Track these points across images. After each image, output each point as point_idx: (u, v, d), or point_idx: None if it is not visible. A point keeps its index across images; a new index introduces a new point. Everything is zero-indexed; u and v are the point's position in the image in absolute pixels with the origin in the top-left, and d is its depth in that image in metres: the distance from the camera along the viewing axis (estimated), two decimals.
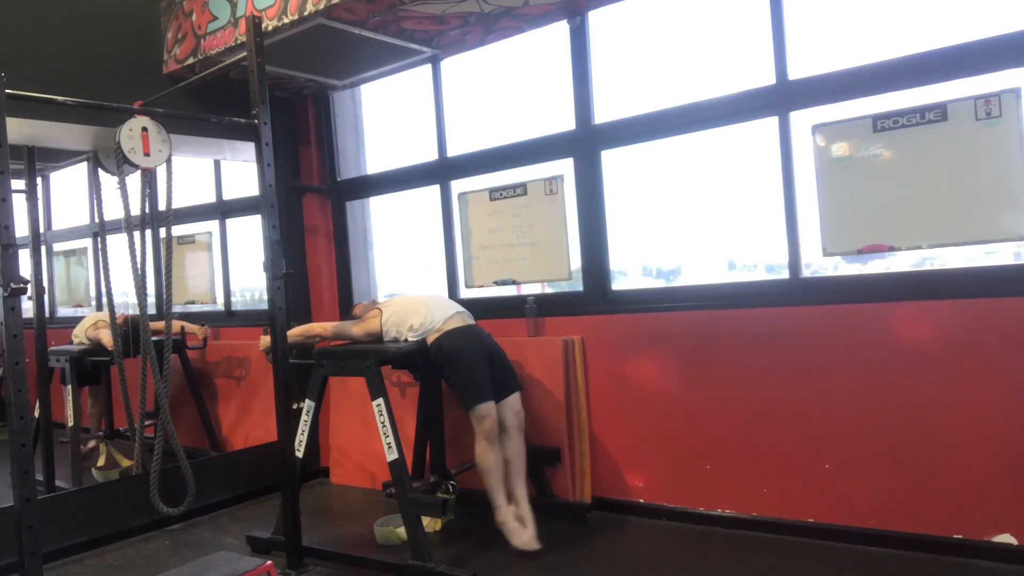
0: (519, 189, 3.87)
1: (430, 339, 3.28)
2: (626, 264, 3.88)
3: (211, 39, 3.79)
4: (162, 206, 3.33)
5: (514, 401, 3.28)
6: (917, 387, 2.82)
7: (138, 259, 3.39)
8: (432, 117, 4.25)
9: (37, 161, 4.25)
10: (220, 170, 5.05)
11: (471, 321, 3.44)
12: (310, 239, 4.74)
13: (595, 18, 3.66)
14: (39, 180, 5.55)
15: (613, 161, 3.64)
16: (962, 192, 2.73)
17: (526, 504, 3.19)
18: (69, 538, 3.43)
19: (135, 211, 3.36)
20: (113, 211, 3.64)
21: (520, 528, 3.12)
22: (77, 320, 4.81)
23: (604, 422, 3.58)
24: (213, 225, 5.07)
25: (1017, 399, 2.63)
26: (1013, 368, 2.64)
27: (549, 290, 3.96)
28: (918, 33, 2.87)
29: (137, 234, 3.43)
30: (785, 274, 3.17)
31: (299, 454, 3.28)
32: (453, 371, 3.20)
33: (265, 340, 3.40)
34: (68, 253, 6.33)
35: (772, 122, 3.15)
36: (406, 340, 3.31)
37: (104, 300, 3.93)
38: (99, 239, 4.41)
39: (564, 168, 3.74)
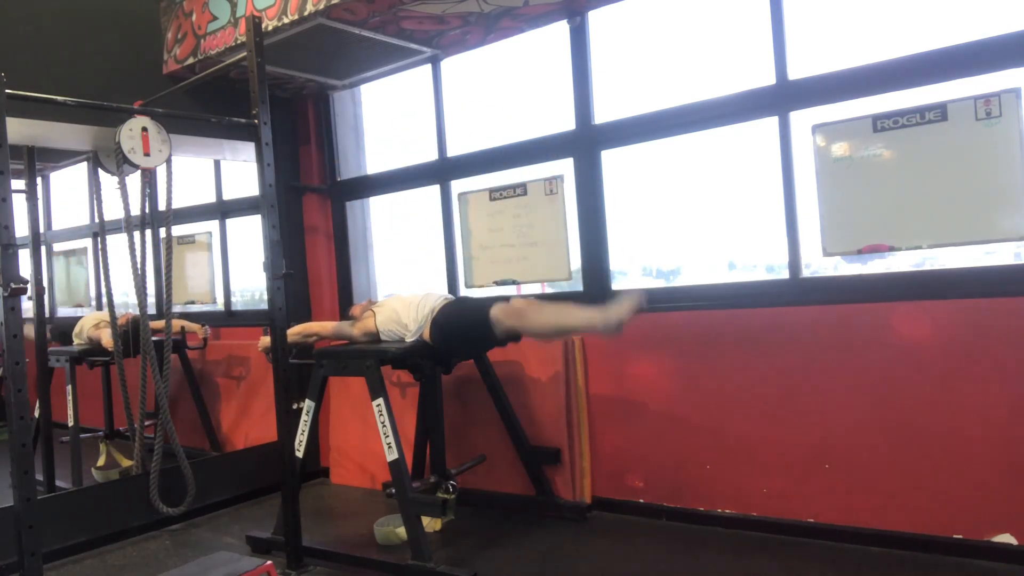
0: (519, 189, 3.87)
1: (426, 331, 3.27)
2: (626, 264, 3.88)
3: (211, 39, 3.79)
4: (162, 206, 3.33)
5: (516, 299, 3.23)
6: (917, 387, 2.82)
7: (138, 259, 3.40)
8: (432, 117, 4.25)
9: (37, 161, 4.26)
10: (220, 170, 5.05)
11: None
12: (310, 239, 4.74)
13: (595, 18, 3.66)
14: (39, 180, 5.55)
15: (613, 161, 3.64)
16: (962, 192, 2.73)
17: (589, 310, 2.93)
18: (69, 538, 3.43)
19: (135, 211, 3.37)
20: (113, 211, 3.65)
21: (607, 308, 2.84)
22: (77, 320, 4.81)
23: (604, 422, 3.58)
24: (213, 225, 5.07)
25: (1017, 399, 2.63)
26: (1013, 368, 2.64)
27: (549, 290, 3.96)
28: (918, 33, 2.87)
29: (137, 234, 3.44)
30: (785, 274, 3.17)
31: (299, 454, 3.28)
32: (457, 321, 3.17)
33: (265, 340, 3.40)
34: (68, 253, 6.33)
35: (772, 122, 3.15)
36: (402, 340, 3.31)
37: (104, 300, 3.94)
38: (99, 239, 4.42)
39: (564, 168, 3.74)
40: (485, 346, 3.41)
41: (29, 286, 2.41)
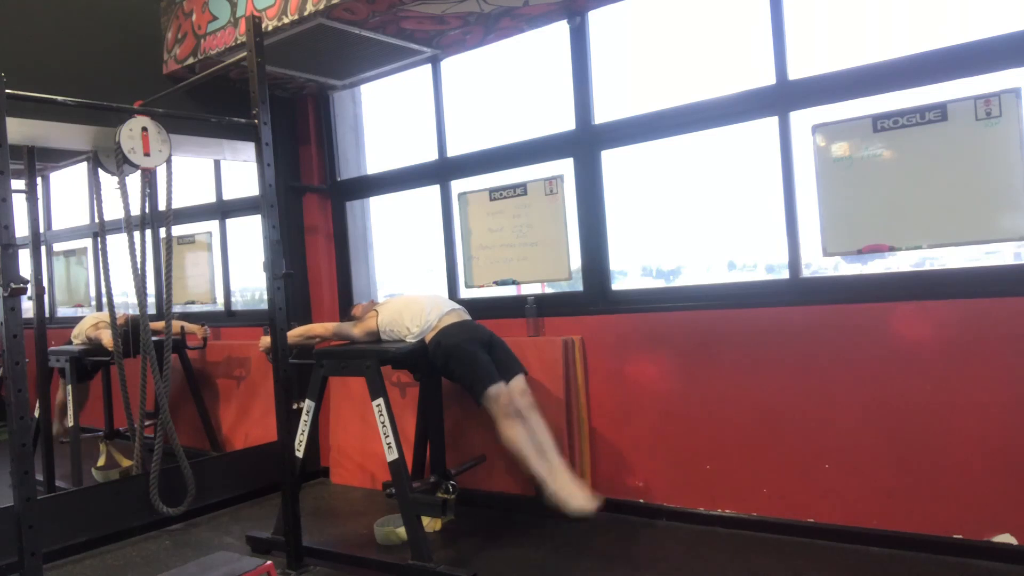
0: (519, 189, 3.87)
1: (428, 337, 3.29)
2: (626, 264, 3.88)
3: (211, 39, 3.79)
4: (162, 206, 3.33)
5: (518, 383, 3.28)
6: (917, 387, 2.82)
7: (138, 259, 3.40)
8: (432, 117, 4.25)
9: (37, 161, 4.26)
10: (220, 170, 5.05)
11: (467, 317, 3.45)
12: (310, 239, 4.75)
13: (595, 18, 3.66)
14: (39, 180, 5.55)
15: (613, 161, 3.64)
16: (962, 192, 2.73)
17: (566, 472, 3.11)
18: (69, 538, 3.43)
19: (135, 211, 3.37)
20: (113, 211, 3.65)
21: (571, 493, 3.02)
22: (77, 320, 4.81)
23: (604, 422, 3.58)
24: (213, 225, 5.07)
25: (1017, 399, 2.63)
26: (1013, 368, 2.64)
27: (549, 290, 3.96)
28: (918, 33, 2.87)
29: (137, 234, 3.44)
30: (785, 274, 3.17)
31: (299, 454, 3.28)
32: (456, 364, 3.19)
33: (265, 340, 3.40)
34: (68, 253, 6.33)
35: (772, 122, 3.15)
36: (403, 340, 3.31)
37: (104, 300, 3.94)
38: (99, 239, 4.42)
39: (564, 168, 3.74)
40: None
41: (29, 286, 2.41)
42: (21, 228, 2.89)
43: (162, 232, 3.38)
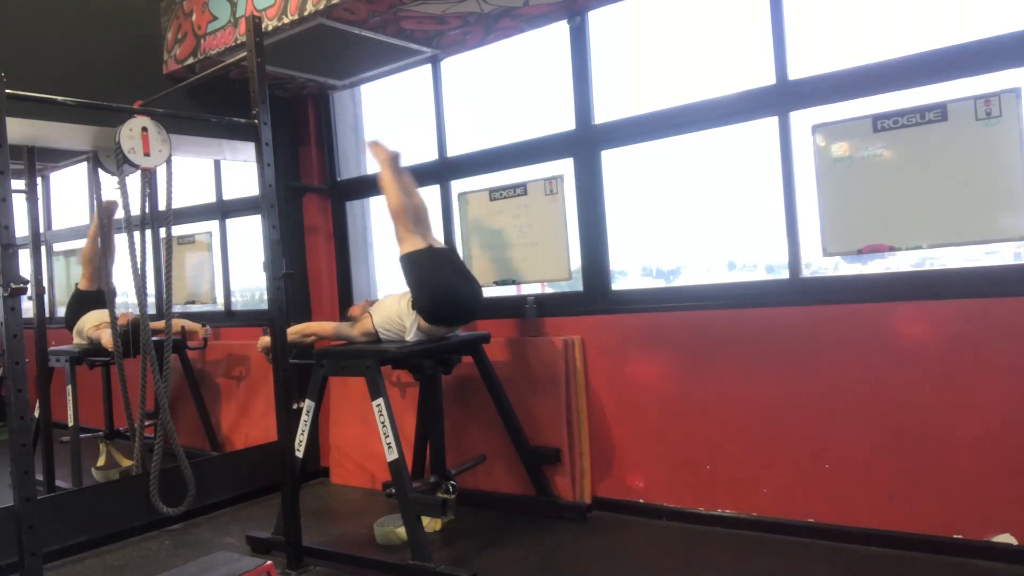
0: (519, 189, 3.87)
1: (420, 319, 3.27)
2: (626, 264, 3.88)
3: (211, 39, 3.79)
4: (162, 206, 3.33)
5: None
6: (917, 387, 2.82)
7: (138, 259, 3.40)
8: (432, 117, 4.25)
9: (37, 161, 4.25)
10: (220, 170, 5.05)
11: None
12: (310, 239, 4.74)
13: (595, 18, 3.66)
14: (39, 180, 5.55)
15: (613, 161, 3.64)
16: (962, 192, 2.73)
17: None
18: (69, 538, 3.43)
19: (135, 211, 3.37)
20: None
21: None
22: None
23: (604, 422, 3.58)
24: (213, 225, 5.07)
25: (1017, 399, 2.63)
26: (1013, 368, 2.64)
27: (549, 290, 3.96)
28: (918, 33, 2.87)
29: (137, 234, 3.44)
30: (785, 274, 3.17)
31: (299, 454, 3.28)
32: (415, 276, 3.29)
33: (264, 340, 3.40)
34: (68, 253, 6.32)
35: (772, 122, 3.15)
36: (403, 338, 3.31)
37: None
38: (99, 239, 4.41)
39: (564, 168, 3.74)
40: (456, 268, 3.41)
41: (29, 286, 2.41)
42: (21, 228, 2.89)
43: (162, 232, 3.38)
